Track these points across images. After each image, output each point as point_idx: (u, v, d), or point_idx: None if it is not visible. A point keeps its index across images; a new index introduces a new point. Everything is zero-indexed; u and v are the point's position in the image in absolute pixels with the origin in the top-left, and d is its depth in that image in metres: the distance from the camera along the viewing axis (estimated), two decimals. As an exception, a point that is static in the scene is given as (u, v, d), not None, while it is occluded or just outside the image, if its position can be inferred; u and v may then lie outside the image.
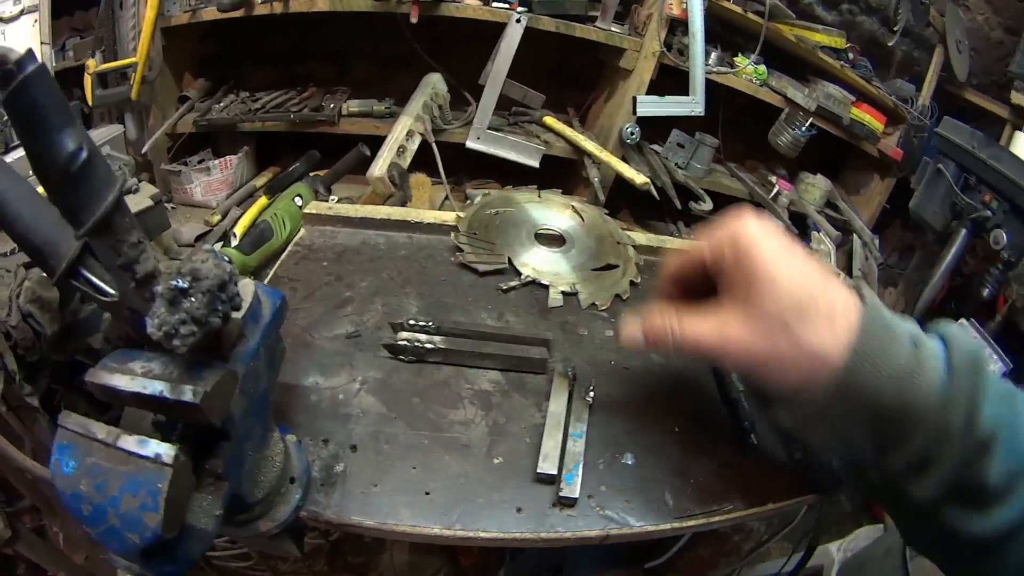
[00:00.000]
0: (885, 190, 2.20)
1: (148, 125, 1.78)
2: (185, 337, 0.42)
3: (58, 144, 0.41)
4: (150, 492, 0.42)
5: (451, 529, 0.65)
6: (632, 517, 0.70)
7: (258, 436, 0.56)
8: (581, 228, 1.18)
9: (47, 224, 0.48)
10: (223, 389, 0.46)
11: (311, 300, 0.95)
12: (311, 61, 2.14)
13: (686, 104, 1.86)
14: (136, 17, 1.64)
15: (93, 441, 0.44)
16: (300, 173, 1.72)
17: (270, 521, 0.59)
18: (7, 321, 0.87)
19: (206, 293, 0.42)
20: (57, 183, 0.42)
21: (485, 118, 1.82)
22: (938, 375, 0.53)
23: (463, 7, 1.73)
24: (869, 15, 2.07)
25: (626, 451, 0.76)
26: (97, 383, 0.45)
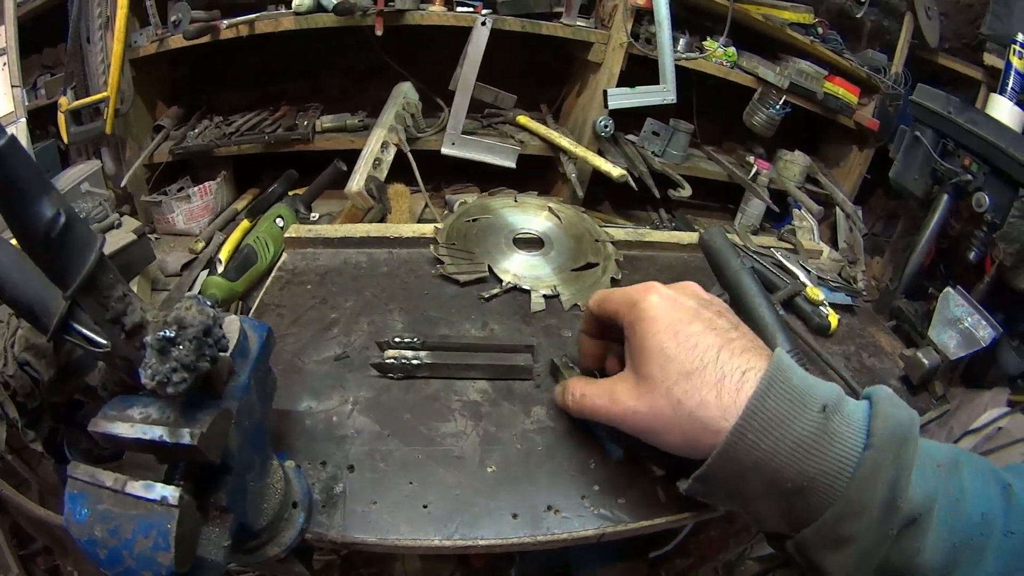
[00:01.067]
0: (864, 161, 2.21)
1: (125, 158, 1.80)
2: (177, 384, 0.45)
3: (36, 212, 0.44)
4: (160, 533, 0.45)
5: (450, 540, 0.68)
6: (626, 513, 0.73)
7: (258, 466, 0.60)
8: (559, 229, 1.21)
9: (34, 284, 0.51)
10: (219, 428, 0.49)
11: (298, 325, 0.98)
12: (282, 79, 2.16)
13: (657, 93, 1.88)
14: (104, 51, 1.65)
15: (102, 488, 0.47)
16: (279, 194, 1.74)
17: (277, 546, 0.62)
18: (4, 371, 0.89)
19: (193, 340, 0.45)
20: (39, 249, 0.45)
21: (458, 123, 1.84)
22: (853, 446, 0.51)
23: (428, 15, 1.74)
24: None
25: (615, 448, 0.79)
26: (99, 432, 0.48)
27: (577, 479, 0.76)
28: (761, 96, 1.98)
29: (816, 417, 0.52)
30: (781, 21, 1.97)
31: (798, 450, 0.51)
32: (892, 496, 0.49)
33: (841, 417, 0.52)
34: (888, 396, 0.54)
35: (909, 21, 2.11)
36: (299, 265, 1.14)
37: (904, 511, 0.49)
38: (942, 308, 1.33)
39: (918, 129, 1.62)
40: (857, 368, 1.14)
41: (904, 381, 1.18)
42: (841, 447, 0.51)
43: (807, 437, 0.51)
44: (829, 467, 0.50)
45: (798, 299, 1.24)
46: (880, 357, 1.20)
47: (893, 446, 0.50)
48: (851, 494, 0.49)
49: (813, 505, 0.51)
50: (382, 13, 1.67)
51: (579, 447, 0.79)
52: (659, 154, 2.04)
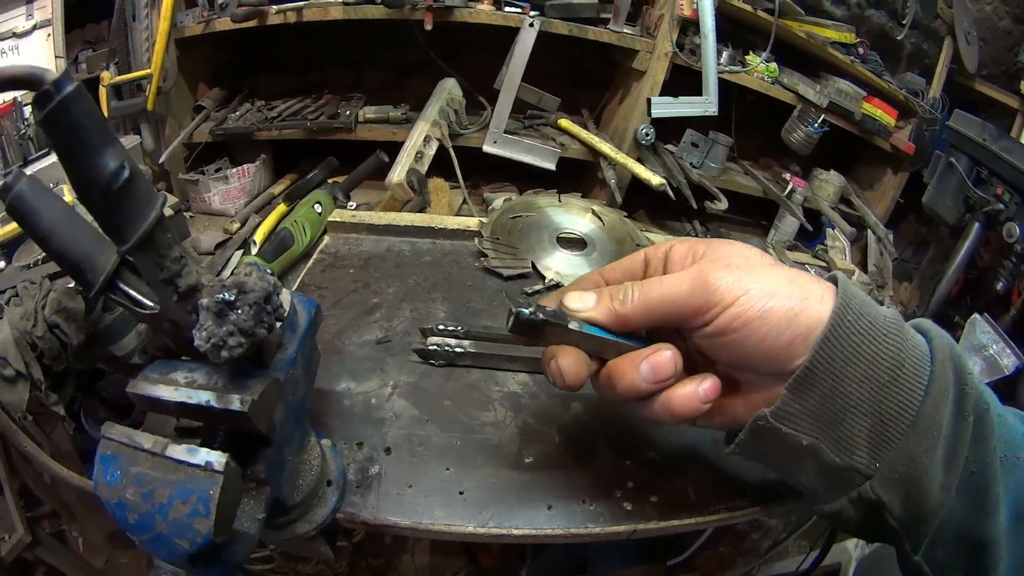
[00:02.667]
0: (898, 184, 2.18)
1: (164, 135, 1.79)
2: (233, 348, 0.43)
3: (100, 164, 0.42)
4: (201, 499, 0.43)
5: (484, 527, 0.66)
6: (657, 512, 0.70)
7: (297, 441, 0.57)
8: (602, 231, 1.19)
9: (83, 239, 0.48)
10: (269, 397, 0.47)
11: (339, 307, 0.96)
12: (326, 68, 2.15)
13: (699, 104, 1.86)
14: (149, 29, 1.65)
15: (139, 451, 0.45)
16: (318, 180, 1.73)
17: (307, 523, 0.60)
18: (33, 332, 0.88)
19: (252, 305, 0.43)
20: (100, 202, 0.44)
21: (501, 122, 1.83)
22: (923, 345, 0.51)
23: (476, 13, 1.74)
24: (878, 9, 2.07)
25: (651, 448, 0.77)
26: (139, 394, 0.46)
27: (612, 475, 0.73)
28: (800, 113, 1.95)
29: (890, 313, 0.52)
30: (823, 39, 1.95)
31: (887, 337, 0.50)
32: (961, 383, 0.49)
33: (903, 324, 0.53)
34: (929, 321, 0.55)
35: (948, 45, 2.09)
36: (341, 249, 1.12)
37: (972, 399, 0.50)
38: (968, 334, 1.35)
39: (953, 155, 1.61)
40: None
41: None
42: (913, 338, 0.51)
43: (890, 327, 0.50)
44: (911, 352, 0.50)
45: None
46: None
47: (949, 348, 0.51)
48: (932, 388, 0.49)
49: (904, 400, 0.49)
50: (431, 8, 1.66)
51: (615, 444, 0.77)
52: (697, 166, 2.02)
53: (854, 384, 0.49)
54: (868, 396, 0.50)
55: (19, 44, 1.68)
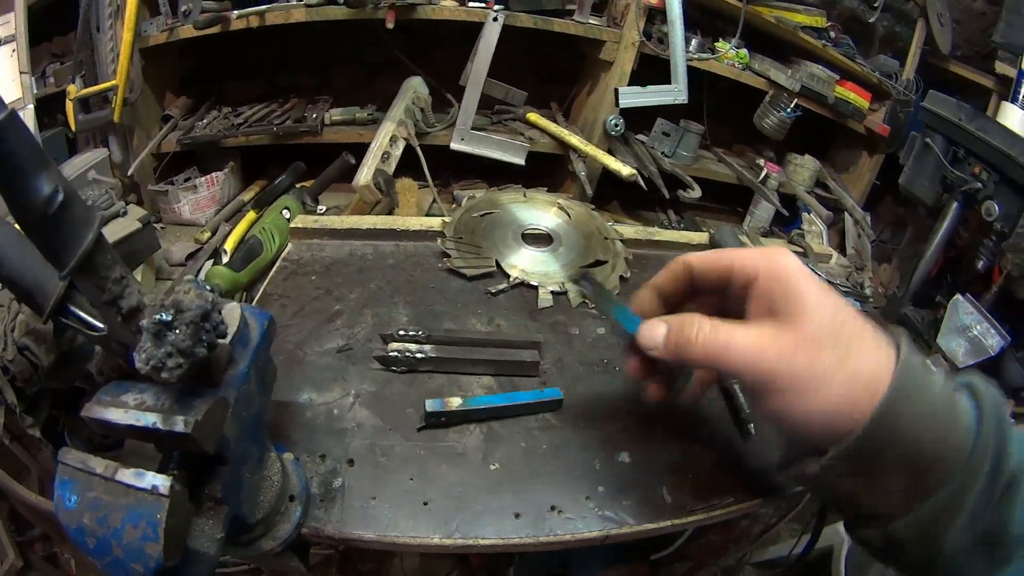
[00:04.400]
0: (874, 166, 2.20)
1: (133, 146, 1.79)
2: (172, 370, 0.43)
3: (34, 188, 0.42)
4: (150, 523, 0.43)
5: (451, 538, 0.67)
6: (630, 516, 0.71)
7: (255, 458, 0.58)
8: (568, 226, 1.20)
9: (33, 265, 0.49)
10: (214, 417, 0.47)
11: (301, 315, 0.96)
12: (292, 71, 2.15)
13: (669, 92, 1.87)
14: (114, 40, 1.65)
15: (92, 476, 0.46)
16: (286, 185, 1.74)
17: (272, 540, 0.61)
18: (4, 355, 0.88)
19: (190, 324, 0.44)
20: (36, 226, 0.44)
21: (468, 119, 1.83)
22: (970, 418, 0.51)
23: (439, 9, 1.73)
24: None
25: (622, 450, 0.78)
26: (92, 417, 0.47)
27: (582, 480, 0.74)
28: (772, 99, 1.97)
29: (945, 387, 0.53)
30: (794, 24, 1.96)
31: (937, 418, 0.51)
32: (998, 464, 0.50)
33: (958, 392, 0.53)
34: (980, 377, 0.56)
35: (921, 27, 2.10)
36: (304, 256, 1.12)
37: (1003, 480, 0.50)
38: (951, 316, 1.36)
39: (929, 136, 1.61)
40: None
41: None
42: (965, 419, 0.51)
43: (943, 406, 0.51)
44: (958, 437, 0.50)
45: None
46: None
47: (996, 419, 0.51)
48: (970, 463, 0.50)
49: (940, 476, 0.51)
50: (394, 6, 1.66)
51: (584, 447, 0.78)
52: (669, 155, 2.04)
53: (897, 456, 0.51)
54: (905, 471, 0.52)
55: None
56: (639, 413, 0.83)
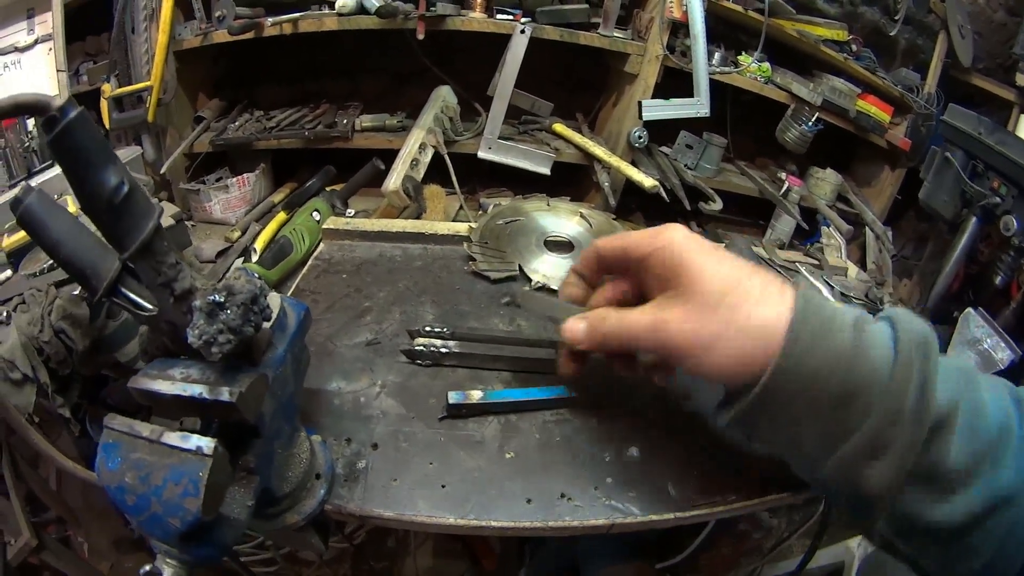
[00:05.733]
0: (896, 181, 2.21)
1: (166, 146, 1.86)
2: (222, 345, 0.48)
3: (102, 181, 0.48)
4: (192, 480, 0.48)
5: (464, 519, 0.71)
6: (636, 507, 0.75)
7: (286, 435, 0.63)
8: (589, 234, 1.24)
9: (87, 248, 0.54)
10: (256, 390, 0.52)
11: (332, 311, 1.02)
12: (323, 77, 2.21)
13: (691, 106, 1.90)
14: (148, 42, 1.72)
15: (138, 439, 0.51)
16: (317, 188, 1.79)
17: (296, 514, 0.66)
18: (40, 337, 0.95)
19: (240, 306, 0.49)
20: (103, 215, 0.49)
21: (495, 128, 1.88)
22: (885, 355, 0.53)
23: (468, 20, 1.79)
24: (870, 5, 2.10)
25: (631, 445, 0.82)
26: (140, 388, 0.52)
27: (591, 470, 0.78)
28: (794, 112, 1.99)
29: (851, 330, 0.54)
30: (815, 38, 1.99)
31: (841, 360, 0.53)
32: (921, 401, 0.51)
33: (869, 330, 0.55)
34: (905, 313, 0.57)
35: (942, 40, 2.11)
36: (336, 255, 1.18)
37: (932, 415, 0.51)
38: (962, 328, 1.36)
39: (948, 150, 1.62)
40: None
41: None
42: (877, 356, 0.53)
43: (847, 347, 0.53)
44: (867, 376, 0.52)
45: None
46: None
47: (918, 355, 0.52)
48: (887, 401, 0.51)
49: (853, 417, 0.53)
50: (424, 17, 1.71)
51: (596, 441, 0.82)
52: (692, 167, 2.07)
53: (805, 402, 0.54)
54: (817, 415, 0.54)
55: (21, 58, 1.75)
56: (652, 409, 0.87)
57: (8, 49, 1.73)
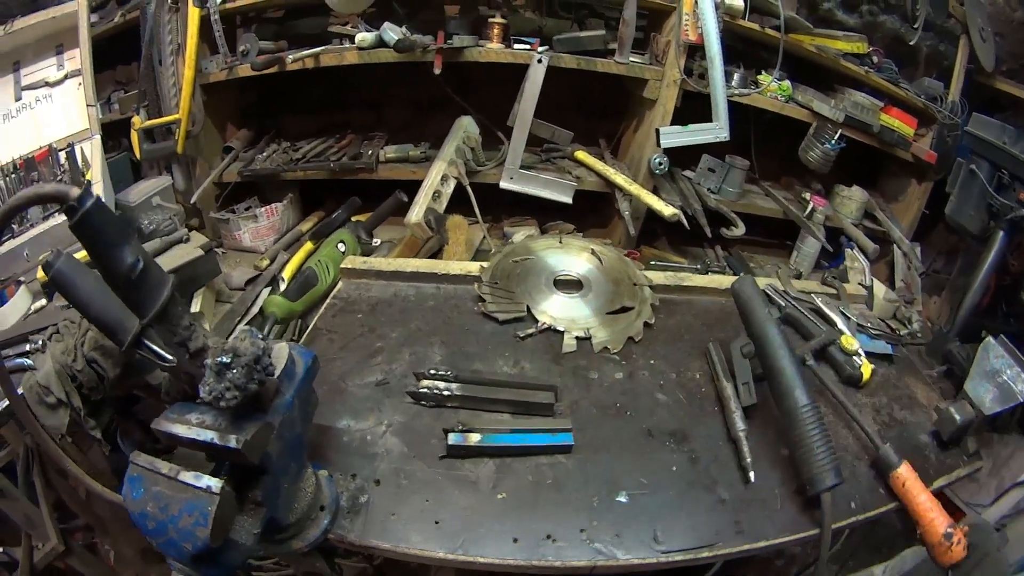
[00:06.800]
0: (923, 195, 2.20)
1: (195, 175, 1.99)
2: (229, 400, 0.59)
3: (120, 259, 0.59)
4: (202, 513, 0.59)
5: (454, 554, 0.82)
6: (620, 550, 0.84)
7: (293, 472, 0.73)
8: (599, 271, 1.34)
9: (113, 306, 0.66)
10: (261, 437, 0.62)
11: (346, 350, 1.13)
12: (348, 108, 2.33)
13: (710, 131, 1.93)
14: (176, 75, 1.85)
15: (158, 475, 0.63)
16: (342, 220, 1.90)
17: (301, 540, 0.78)
18: (73, 365, 1.07)
19: (245, 367, 0.59)
20: (123, 287, 0.61)
21: (516, 158, 1.96)
22: None
23: (486, 52, 1.87)
24: (890, 13, 2.12)
25: (621, 489, 0.92)
26: (162, 430, 0.63)
27: (579, 514, 0.88)
28: (816, 131, 2.02)
29: None
30: (835, 52, 2.02)
31: None
32: None
33: None
34: None
35: (964, 45, 2.11)
36: (352, 294, 1.30)
37: None
38: (981, 359, 1.35)
39: (974, 162, 1.64)
40: (886, 422, 1.22)
41: (934, 436, 1.22)
42: None
43: None
44: None
45: (832, 348, 1.31)
46: (913, 410, 1.27)
47: None
48: None
49: None
50: (441, 50, 1.81)
51: (586, 485, 0.92)
52: (715, 191, 2.11)
53: None
54: None
55: (52, 92, 1.92)
56: (645, 456, 0.98)
57: (39, 84, 1.90)
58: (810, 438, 0.97)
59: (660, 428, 1.04)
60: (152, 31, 1.85)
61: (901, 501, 1.07)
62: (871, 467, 1.12)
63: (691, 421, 1.06)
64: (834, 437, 1.10)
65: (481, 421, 0.98)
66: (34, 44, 1.90)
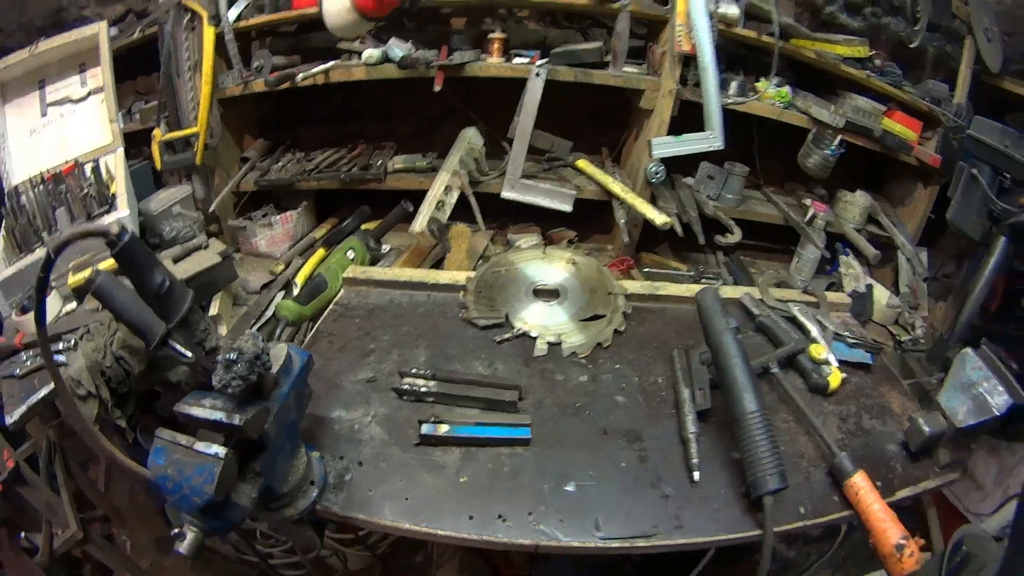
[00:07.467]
0: (928, 199, 2.30)
1: (214, 184, 2.23)
2: (235, 387, 0.83)
3: (150, 279, 0.83)
4: (210, 473, 0.83)
5: (417, 526, 1.04)
6: (562, 533, 1.05)
7: (288, 450, 0.98)
8: (576, 280, 1.57)
9: (143, 313, 0.90)
10: (259, 418, 0.86)
11: (343, 351, 1.38)
12: (361, 119, 2.57)
13: (703, 140, 2.07)
14: (194, 89, 2.09)
15: (178, 446, 0.86)
16: (353, 228, 2.15)
17: (293, 509, 1.01)
18: (103, 362, 1.31)
19: (247, 362, 0.83)
20: (153, 300, 0.84)
21: (517, 169, 2.16)
22: None
23: (486, 67, 2.08)
24: (894, 15, 2.20)
25: (571, 480, 1.13)
26: (182, 412, 0.87)
27: (530, 499, 1.09)
28: (815, 137, 2.13)
29: None
30: (835, 56, 2.13)
31: None
32: None
33: None
34: None
35: (970, 46, 2.19)
36: (352, 301, 1.56)
37: None
38: (957, 370, 1.40)
39: (976, 166, 1.71)
40: (852, 431, 1.32)
41: (904, 446, 1.29)
42: None
43: None
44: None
45: (801, 357, 1.43)
46: (884, 419, 1.36)
47: None
48: None
49: None
50: (443, 67, 2.03)
51: (538, 474, 1.14)
52: (714, 197, 2.26)
53: None
54: None
55: (76, 108, 2.18)
56: (597, 452, 1.19)
57: (63, 100, 2.17)
58: (756, 443, 1.09)
59: (615, 427, 1.24)
60: (170, 47, 2.10)
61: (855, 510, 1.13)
62: (828, 474, 1.19)
63: (646, 422, 1.26)
64: (793, 444, 1.26)
65: (452, 415, 1.21)
66: (57, 63, 2.15)
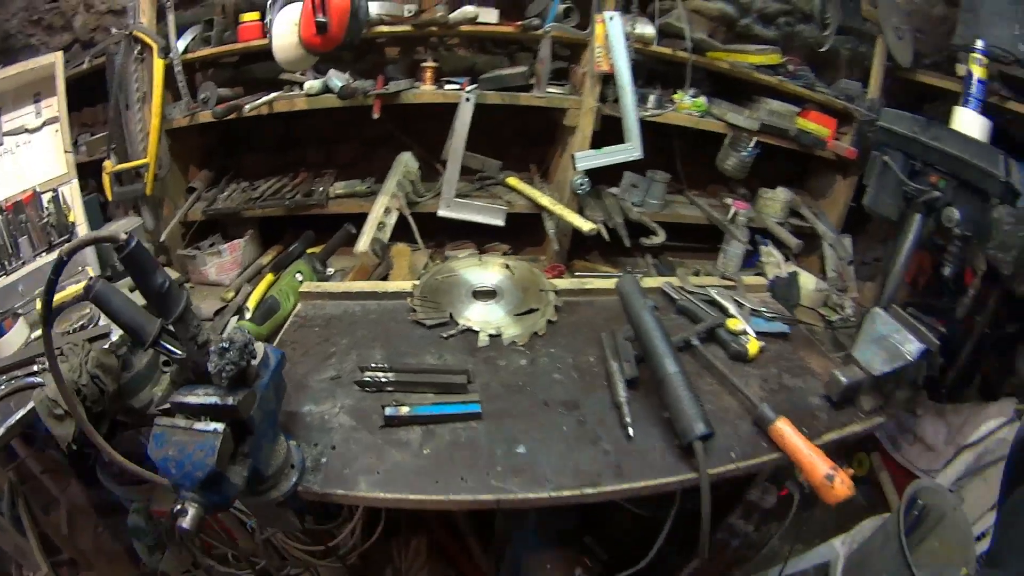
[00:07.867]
0: (848, 189, 2.55)
1: (163, 215, 2.36)
2: (228, 371, 1.04)
3: (153, 280, 1.04)
4: (211, 447, 1.02)
5: (391, 494, 1.24)
6: (518, 488, 1.25)
7: (270, 436, 1.18)
8: (511, 281, 1.80)
9: (137, 315, 1.10)
10: (248, 400, 1.07)
11: (307, 356, 1.59)
12: (301, 147, 2.76)
13: (623, 151, 2.30)
14: (143, 121, 2.21)
15: (177, 428, 1.04)
16: (299, 252, 2.32)
17: (277, 491, 1.20)
18: (79, 380, 1.47)
19: (238, 349, 1.04)
20: (154, 299, 1.05)
21: (451, 188, 2.36)
22: None
23: (420, 93, 2.29)
24: (806, 23, 2.43)
25: (520, 443, 1.34)
26: (178, 402, 1.06)
27: (486, 462, 1.30)
28: (733, 140, 2.38)
29: None
30: (747, 65, 2.36)
31: None
32: None
33: None
34: None
35: (881, 45, 2.43)
36: (310, 313, 1.77)
37: None
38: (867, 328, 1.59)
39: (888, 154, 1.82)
40: (774, 388, 1.56)
41: (826, 399, 1.52)
42: None
43: None
44: None
45: (719, 330, 1.68)
46: (805, 378, 1.59)
47: None
48: None
49: None
50: (380, 96, 2.22)
51: (492, 441, 1.35)
52: (639, 204, 2.49)
53: None
54: None
55: (31, 138, 2.25)
56: (541, 420, 1.40)
57: (19, 130, 2.23)
58: (680, 399, 1.29)
59: (555, 399, 1.45)
60: (119, 80, 2.20)
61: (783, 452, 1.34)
62: (753, 425, 1.41)
63: (582, 394, 1.47)
64: (719, 402, 1.48)
65: (411, 399, 1.41)
66: (13, 92, 2.22)
